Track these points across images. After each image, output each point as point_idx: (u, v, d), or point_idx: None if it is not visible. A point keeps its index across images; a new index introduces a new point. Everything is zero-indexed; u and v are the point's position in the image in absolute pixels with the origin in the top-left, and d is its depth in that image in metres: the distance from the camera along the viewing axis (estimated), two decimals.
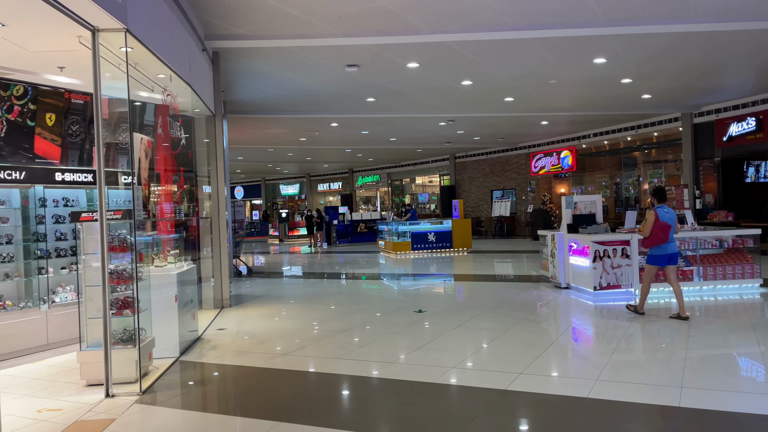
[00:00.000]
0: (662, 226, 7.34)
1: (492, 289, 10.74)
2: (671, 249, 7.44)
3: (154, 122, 6.99)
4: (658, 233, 7.37)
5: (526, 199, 25.28)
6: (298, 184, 41.99)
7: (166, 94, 6.55)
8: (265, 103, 14.16)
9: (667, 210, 7.49)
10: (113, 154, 7.93)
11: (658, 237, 7.38)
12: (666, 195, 7.71)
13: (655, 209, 7.49)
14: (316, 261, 18.53)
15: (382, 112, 15.87)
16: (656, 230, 7.36)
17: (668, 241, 7.40)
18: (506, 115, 17.02)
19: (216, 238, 9.60)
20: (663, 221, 7.36)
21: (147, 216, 6.29)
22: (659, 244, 7.42)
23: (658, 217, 7.38)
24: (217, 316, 8.84)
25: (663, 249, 7.43)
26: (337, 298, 10.47)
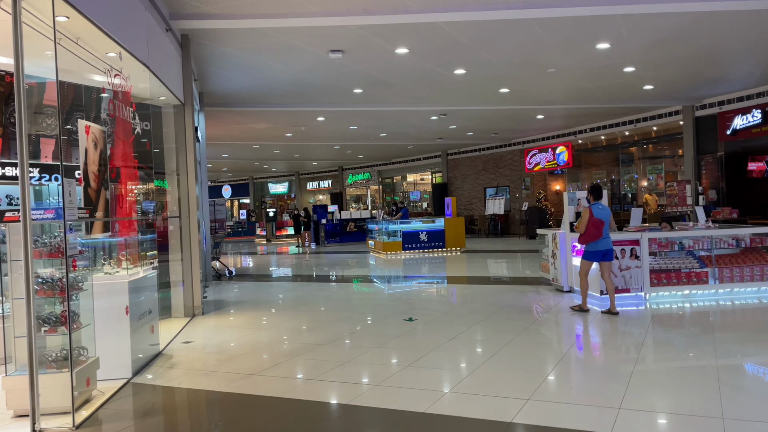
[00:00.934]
0: (596, 223, 7.55)
1: (488, 293, 9.93)
2: (605, 245, 7.66)
3: (107, 109, 6.12)
4: (591, 229, 7.59)
5: (520, 197, 24.53)
6: (287, 183, 41.09)
7: (113, 74, 5.68)
8: (245, 94, 13.28)
9: (602, 207, 7.70)
10: (66, 145, 7.05)
11: (592, 233, 7.59)
12: (602, 193, 7.94)
13: (591, 206, 7.69)
14: (303, 262, 17.67)
15: (371, 104, 15.03)
16: (590, 226, 7.59)
17: (602, 237, 7.61)
18: (501, 108, 16.23)
19: (186, 240, 8.73)
20: (597, 218, 7.57)
21: (89, 215, 5.41)
22: (593, 240, 7.63)
23: (593, 214, 7.60)
24: (185, 327, 7.98)
25: (597, 245, 7.64)
26: (322, 304, 9.63)
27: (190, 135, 8.77)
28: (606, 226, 7.64)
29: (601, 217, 7.58)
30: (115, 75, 5.65)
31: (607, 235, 7.68)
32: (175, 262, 8.79)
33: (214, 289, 11.88)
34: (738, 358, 5.62)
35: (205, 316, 8.75)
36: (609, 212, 7.76)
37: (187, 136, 8.75)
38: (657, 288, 8.38)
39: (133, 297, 5.63)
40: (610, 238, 7.78)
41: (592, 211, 7.63)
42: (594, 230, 7.57)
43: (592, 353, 6.16)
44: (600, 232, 7.57)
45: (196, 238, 8.76)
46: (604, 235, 7.63)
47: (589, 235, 7.63)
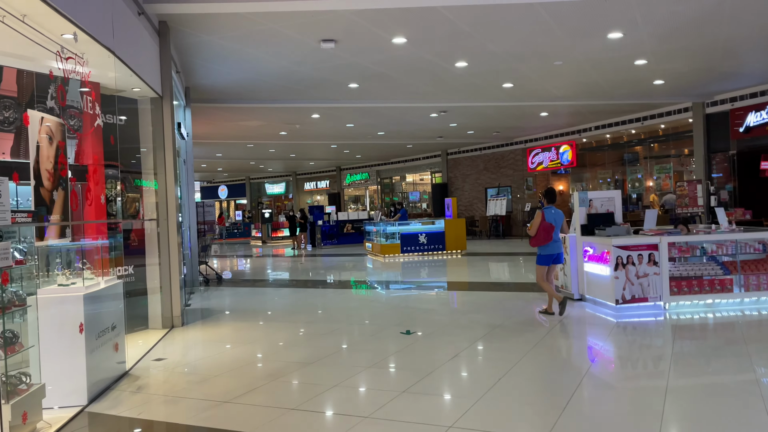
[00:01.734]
0: (546, 227, 7.57)
1: (492, 300, 9.22)
2: (556, 249, 7.70)
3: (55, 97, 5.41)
4: (541, 233, 7.61)
5: (522, 197, 23.82)
6: (284, 183, 40.38)
7: (64, 57, 4.97)
8: (234, 89, 12.57)
9: (555, 211, 7.75)
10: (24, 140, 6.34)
11: (542, 237, 7.61)
12: (555, 197, 7.97)
13: (543, 210, 7.71)
14: (297, 265, 16.95)
15: (368, 100, 14.33)
16: (541, 230, 7.60)
17: (552, 241, 7.64)
18: (503, 105, 15.53)
19: (164, 244, 8.02)
20: (548, 222, 7.60)
21: (32, 218, 4.71)
22: (543, 244, 7.64)
23: (544, 218, 7.63)
24: (161, 340, 7.27)
25: (548, 249, 7.66)
26: (312, 314, 8.92)
27: (169, 130, 8.06)
28: (557, 230, 7.66)
29: (552, 222, 7.61)
30: (67, 58, 4.93)
31: (557, 239, 7.71)
32: (154, 268, 8.08)
33: (200, 295, 11.18)
34: None
35: (186, 328, 8.03)
36: (561, 216, 7.81)
37: (166, 132, 8.04)
38: (677, 297, 7.67)
39: (90, 311, 4.93)
40: (561, 242, 7.85)
41: (545, 215, 7.67)
42: (544, 234, 7.60)
43: (613, 375, 5.45)
44: (550, 237, 7.60)
45: (175, 242, 8.05)
46: (555, 239, 7.66)
47: (539, 239, 7.65)
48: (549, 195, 7.93)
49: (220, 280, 13.25)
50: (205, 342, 7.19)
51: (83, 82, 5.45)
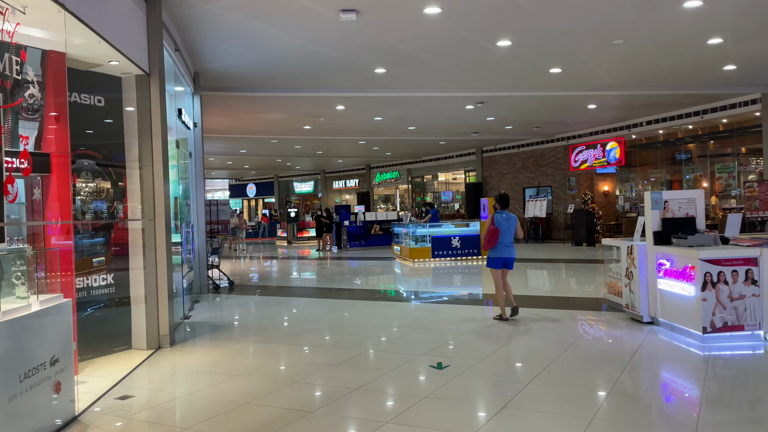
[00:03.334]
0: (494, 230, 7.69)
1: (540, 322, 7.71)
2: (505, 253, 7.74)
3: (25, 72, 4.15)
4: (487, 236, 7.75)
5: (564, 198, 22.10)
6: (312, 182, 39.29)
7: None
8: (247, 74, 11.29)
9: (506, 215, 7.81)
10: None
11: (487, 239, 7.74)
12: (509, 202, 8.08)
13: (495, 214, 7.80)
14: (319, 270, 15.65)
15: (396, 89, 12.91)
16: (490, 233, 7.72)
17: (500, 244, 7.71)
18: (548, 95, 13.93)
19: (150, 249, 6.75)
20: (496, 226, 7.68)
21: None
22: (491, 248, 7.75)
23: (494, 222, 7.72)
24: (137, 368, 5.98)
25: (497, 252, 7.73)
26: (327, 332, 7.56)
27: (158, 114, 6.78)
28: (504, 234, 7.71)
29: (499, 226, 7.68)
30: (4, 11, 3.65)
31: (508, 244, 7.77)
32: (138, 276, 6.82)
33: (207, 304, 9.93)
34: None
35: (174, 349, 6.75)
36: (513, 221, 7.83)
37: (154, 116, 6.77)
38: None
39: (7, 346, 3.64)
40: (513, 247, 7.87)
41: (494, 219, 7.75)
42: (488, 236, 7.73)
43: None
44: (496, 240, 7.66)
45: (164, 246, 6.78)
46: (505, 243, 7.73)
47: (486, 242, 7.78)
48: (502, 200, 8.07)
49: (231, 286, 12.01)
50: (190, 372, 5.88)
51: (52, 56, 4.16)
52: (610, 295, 8.32)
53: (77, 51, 5.82)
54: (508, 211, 7.91)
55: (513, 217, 7.83)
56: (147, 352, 6.61)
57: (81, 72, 6.34)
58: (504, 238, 7.68)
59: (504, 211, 7.88)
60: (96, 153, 6.53)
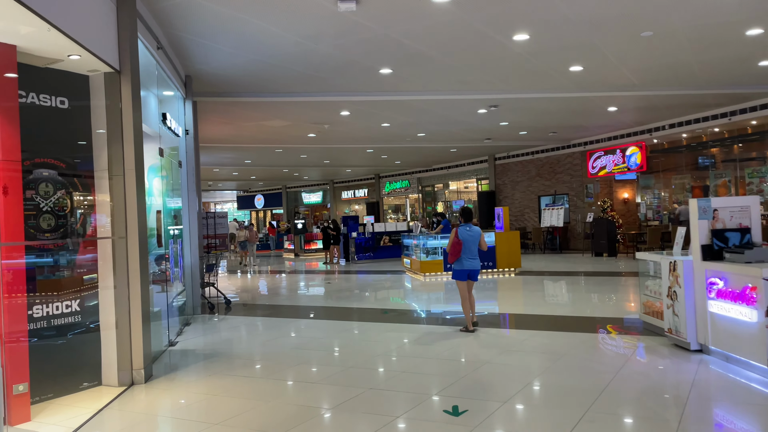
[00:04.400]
0: (457, 243, 7.81)
1: (571, 349, 6.76)
2: (469, 265, 7.85)
3: None
4: (452, 248, 7.86)
5: (582, 206, 21.10)
6: (320, 192, 38.50)
7: None
8: (243, 78, 10.49)
9: (470, 228, 7.92)
10: None
11: (452, 252, 7.85)
12: (472, 215, 8.18)
13: (459, 227, 7.93)
14: (324, 285, 14.76)
15: (403, 92, 12.06)
16: (453, 245, 7.84)
17: (464, 257, 7.82)
18: (567, 97, 13.01)
19: (121, 269, 5.90)
20: (460, 239, 7.82)
21: None
22: (455, 260, 7.85)
23: (457, 235, 7.85)
24: (100, 412, 5.10)
25: (460, 264, 7.84)
26: (325, 363, 6.66)
27: (130, 117, 5.95)
28: (468, 247, 7.83)
29: (462, 238, 7.82)
30: None
31: (473, 256, 7.89)
32: (111, 299, 5.97)
33: (198, 327, 9.07)
34: None
35: (150, 385, 5.87)
36: (477, 234, 7.93)
37: (125, 119, 5.94)
38: None
39: None
40: (478, 260, 7.96)
41: (458, 232, 7.88)
42: (451, 250, 7.86)
43: None
44: (458, 252, 7.80)
45: (137, 267, 5.92)
46: (469, 255, 7.85)
47: (451, 254, 7.89)
48: (465, 214, 8.16)
49: (228, 304, 11.15)
50: (160, 418, 5.00)
51: None
52: (646, 316, 7.36)
53: (31, 43, 5.00)
54: (472, 224, 8.06)
55: (477, 230, 7.97)
56: (118, 390, 5.75)
57: (39, 69, 5.53)
58: (467, 250, 7.84)
59: (468, 224, 8.02)
60: (58, 161, 5.71)
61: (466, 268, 7.85)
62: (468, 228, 7.95)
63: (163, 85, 8.73)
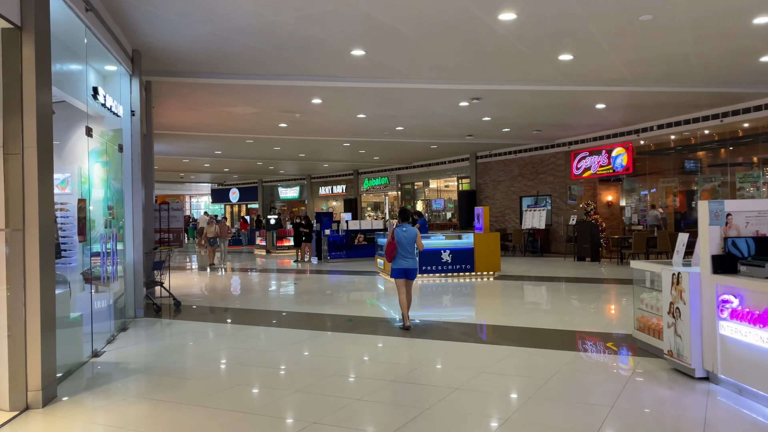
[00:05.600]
0: (392, 243, 8.01)
1: (554, 370, 5.85)
2: (405, 264, 8.01)
3: None
4: (389, 248, 8.03)
5: (565, 209, 20.32)
6: (298, 187, 37.39)
7: None
8: (199, 54, 9.42)
9: (406, 229, 8.07)
10: None
11: (389, 251, 8.02)
12: (408, 215, 8.30)
13: (395, 228, 8.12)
14: (290, 286, 13.74)
15: (379, 78, 11.07)
16: (389, 245, 8.04)
17: (400, 256, 7.99)
18: (554, 90, 12.13)
19: (16, 268, 4.84)
20: (396, 239, 7.99)
21: None
22: (392, 259, 8.07)
23: (393, 235, 8.04)
24: None
25: (396, 263, 8.03)
26: (267, 386, 5.66)
27: (32, 83, 4.89)
28: (403, 246, 7.97)
29: (398, 239, 7.97)
30: None
31: (408, 256, 8.01)
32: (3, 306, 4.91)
33: (135, 333, 8.01)
34: None
35: (47, 410, 4.83)
36: (413, 234, 8.05)
37: (26, 86, 4.88)
38: None
39: None
40: (415, 258, 8.07)
41: (395, 232, 8.04)
42: (388, 249, 8.01)
43: None
44: (394, 252, 7.97)
45: (36, 265, 4.87)
46: (404, 255, 7.99)
47: (387, 254, 8.05)
48: (401, 214, 8.34)
49: (177, 306, 10.09)
50: None
51: None
52: (641, 333, 6.47)
53: None
54: (408, 225, 8.14)
55: (413, 231, 8.09)
56: (8, 415, 4.70)
57: None
58: (404, 250, 7.98)
59: (404, 225, 8.14)
60: None
61: (402, 267, 8.02)
62: (404, 228, 8.09)
63: (98, 57, 7.67)
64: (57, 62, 6.09)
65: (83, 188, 9.31)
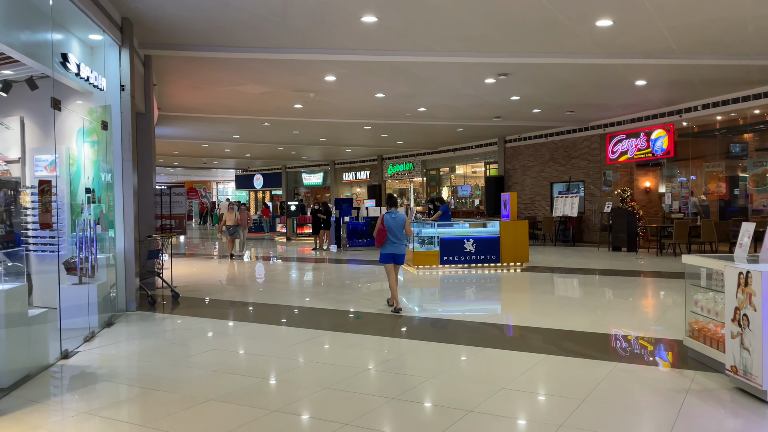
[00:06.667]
0: (382, 229, 8.11)
1: (591, 385, 4.90)
2: (393, 250, 8.16)
3: None
4: (377, 234, 8.16)
5: (599, 195, 19.08)
6: (321, 173, 36.63)
7: None
8: (195, 21, 8.58)
9: (395, 215, 8.20)
10: None
11: (377, 237, 8.16)
12: (396, 202, 8.74)
13: (384, 214, 8.24)
14: (303, 276, 12.94)
15: (394, 51, 10.10)
16: (379, 231, 8.14)
17: (389, 242, 8.13)
18: (590, 64, 10.98)
19: None
20: (385, 225, 8.12)
21: None
22: (381, 245, 8.20)
23: (383, 221, 8.15)
24: None
25: (385, 248, 8.18)
26: (242, 403, 4.81)
27: None
28: (392, 232, 8.09)
29: (387, 225, 8.11)
30: None
31: (396, 241, 8.15)
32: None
33: (120, 330, 7.27)
34: None
35: None
36: (401, 221, 8.15)
37: None
38: None
39: None
40: (403, 244, 8.21)
41: (384, 218, 8.16)
42: (378, 235, 8.15)
43: None
44: (383, 238, 8.12)
45: None
46: (394, 240, 8.13)
47: (377, 240, 8.18)
48: (389, 201, 8.66)
49: (176, 299, 9.35)
50: None
51: None
52: (695, 341, 5.44)
53: None
54: (397, 211, 8.30)
55: (401, 217, 8.21)
56: None
57: None
58: (393, 235, 8.10)
59: (393, 211, 8.29)
60: None
61: (390, 252, 8.15)
62: (393, 215, 8.20)
63: (74, 23, 6.86)
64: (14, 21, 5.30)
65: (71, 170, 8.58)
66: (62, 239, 7.99)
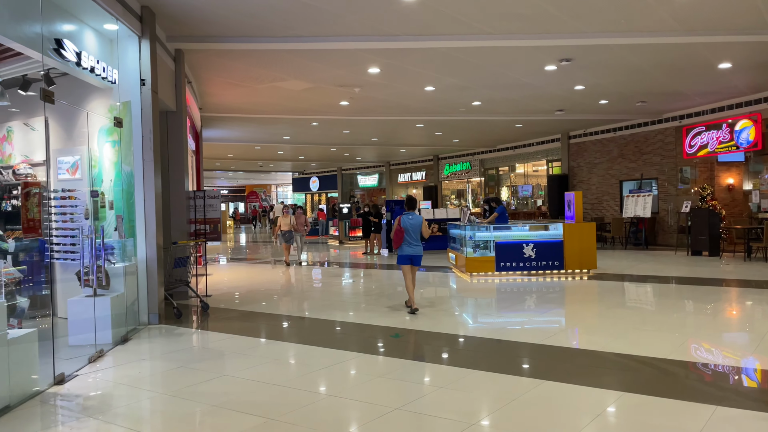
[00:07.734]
0: (397, 231, 8.14)
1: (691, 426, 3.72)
2: (410, 251, 8.12)
3: None
4: (395, 235, 8.17)
5: (675, 194, 17.38)
6: (377, 175, 35.88)
7: None
8: (222, 7, 7.86)
9: (412, 216, 8.20)
10: None
11: (395, 239, 8.17)
12: (415, 204, 8.52)
13: (402, 215, 8.21)
14: (347, 284, 12.08)
15: (440, 34, 9.09)
16: (396, 232, 8.14)
17: (406, 243, 8.11)
18: (665, 44, 9.63)
19: None
20: (402, 226, 8.12)
21: None
22: (398, 246, 8.20)
23: (400, 223, 8.17)
24: None
25: (402, 250, 8.16)
26: None
27: None
28: (409, 234, 8.06)
29: (404, 226, 8.08)
30: None
31: (414, 243, 8.12)
32: None
33: (133, 347, 6.59)
34: None
35: None
36: (418, 222, 8.14)
37: None
38: None
39: None
40: (420, 246, 8.17)
41: (400, 220, 8.17)
42: (395, 237, 8.14)
43: None
44: (401, 239, 8.12)
45: None
46: (411, 242, 8.09)
47: (394, 241, 8.20)
48: (409, 203, 8.50)
49: (205, 310, 8.66)
50: None
51: None
52: None
53: None
54: (415, 213, 8.25)
55: (419, 218, 8.18)
56: None
57: None
58: (410, 237, 8.07)
59: (411, 213, 8.28)
60: None
61: (407, 254, 8.12)
62: (410, 216, 8.18)
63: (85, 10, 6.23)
64: None
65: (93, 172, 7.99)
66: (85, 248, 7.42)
